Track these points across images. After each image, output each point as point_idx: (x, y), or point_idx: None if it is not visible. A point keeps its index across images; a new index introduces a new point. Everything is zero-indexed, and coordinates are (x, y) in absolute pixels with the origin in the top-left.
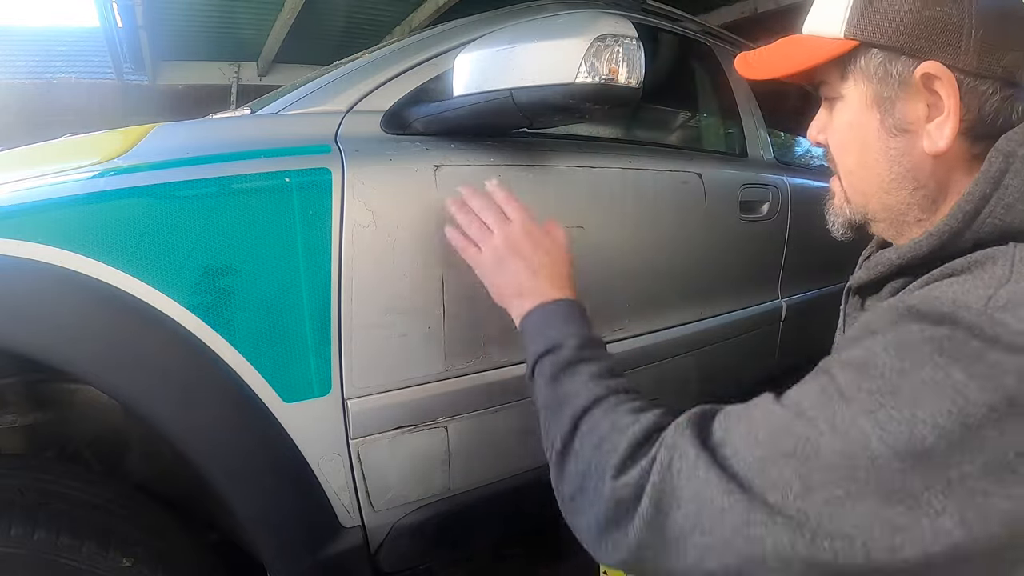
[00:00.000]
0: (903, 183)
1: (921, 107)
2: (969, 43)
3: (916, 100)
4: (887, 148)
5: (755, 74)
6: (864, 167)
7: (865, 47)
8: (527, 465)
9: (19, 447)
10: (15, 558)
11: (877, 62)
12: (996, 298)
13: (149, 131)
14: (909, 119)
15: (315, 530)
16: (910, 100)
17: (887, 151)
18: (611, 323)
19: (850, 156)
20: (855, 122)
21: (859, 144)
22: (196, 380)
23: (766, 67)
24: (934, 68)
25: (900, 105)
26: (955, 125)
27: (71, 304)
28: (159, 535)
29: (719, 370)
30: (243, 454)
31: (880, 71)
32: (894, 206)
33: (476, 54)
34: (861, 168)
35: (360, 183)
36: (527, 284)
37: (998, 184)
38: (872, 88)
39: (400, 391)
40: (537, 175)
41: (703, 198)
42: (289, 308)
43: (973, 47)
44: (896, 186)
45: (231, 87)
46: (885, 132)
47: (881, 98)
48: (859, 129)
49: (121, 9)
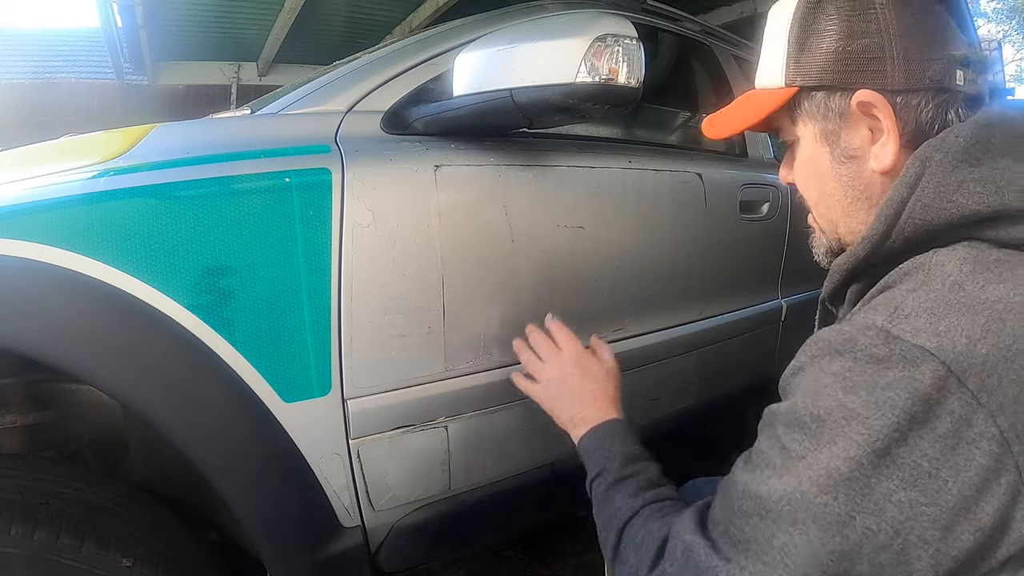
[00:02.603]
0: (859, 204)
1: (864, 132)
2: (894, 65)
3: (858, 127)
4: (839, 176)
5: (719, 133)
6: (825, 196)
7: (805, 90)
8: (527, 465)
9: (19, 447)
10: (15, 558)
11: (817, 102)
12: (902, 307)
13: (149, 131)
14: (854, 146)
15: (315, 530)
16: (852, 129)
17: (840, 178)
18: (611, 323)
19: (813, 189)
20: (810, 158)
21: (816, 177)
22: (196, 380)
23: (727, 124)
24: (866, 96)
25: (844, 135)
26: (896, 142)
27: (71, 304)
28: (159, 535)
29: (719, 370)
30: (243, 454)
31: (822, 109)
32: (857, 228)
33: (476, 54)
34: (823, 198)
35: (360, 183)
36: (578, 414)
37: (914, 187)
38: (818, 125)
39: (400, 391)
40: (537, 175)
41: (703, 198)
42: (289, 308)
43: (898, 68)
44: (854, 208)
45: (231, 87)
46: (836, 162)
47: (827, 132)
48: (814, 163)
49: (121, 9)
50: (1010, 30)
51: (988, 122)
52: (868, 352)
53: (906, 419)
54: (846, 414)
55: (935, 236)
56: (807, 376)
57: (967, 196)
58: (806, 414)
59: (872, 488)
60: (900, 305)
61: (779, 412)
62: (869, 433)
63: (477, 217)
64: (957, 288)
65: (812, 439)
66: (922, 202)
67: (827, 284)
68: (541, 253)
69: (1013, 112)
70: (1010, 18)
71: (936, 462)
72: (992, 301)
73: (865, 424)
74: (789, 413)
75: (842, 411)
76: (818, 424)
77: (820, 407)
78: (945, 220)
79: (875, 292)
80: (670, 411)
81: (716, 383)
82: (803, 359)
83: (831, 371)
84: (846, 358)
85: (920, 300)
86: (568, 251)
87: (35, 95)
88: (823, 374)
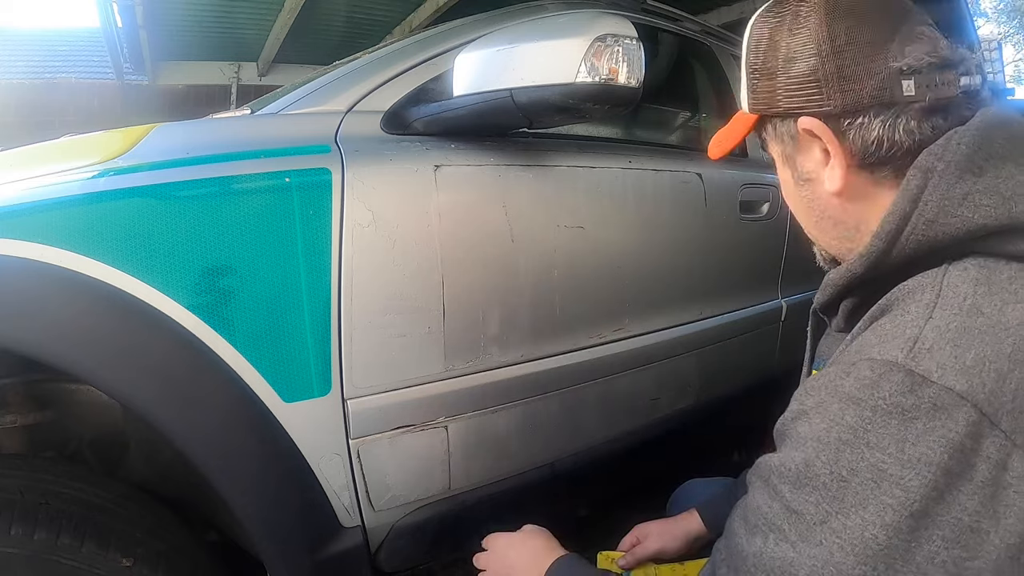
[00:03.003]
0: (824, 223)
1: (816, 155)
2: (829, 89)
3: (810, 150)
4: (801, 197)
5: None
6: (798, 215)
7: (763, 117)
8: (527, 465)
9: (19, 447)
10: (15, 558)
11: (773, 127)
12: (922, 339)
13: (149, 131)
14: (808, 168)
15: (315, 530)
16: (805, 152)
17: (802, 199)
18: (611, 323)
19: (790, 208)
20: (782, 179)
21: (787, 197)
22: (196, 380)
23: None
24: (807, 123)
25: (799, 158)
26: (843, 164)
27: (71, 304)
28: (159, 535)
29: (719, 370)
30: (243, 454)
31: (779, 134)
32: (831, 243)
33: (476, 54)
34: (797, 216)
35: (360, 183)
36: None
37: (916, 201)
38: (780, 149)
39: (400, 391)
40: (537, 175)
41: (703, 198)
42: (289, 308)
43: (834, 90)
44: (821, 227)
45: (231, 87)
46: (796, 184)
47: (786, 156)
48: (785, 185)
49: (121, 9)
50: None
51: (988, 126)
52: (892, 401)
53: (942, 475)
54: (875, 475)
55: (938, 251)
56: (814, 425)
57: (973, 209)
58: (824, 472)
59: (913, 553)
60: (920, 337)
61: (783, 468)
62: (905, 495)
63: (477, 217)
64: (976, 313)
65: (834, 502)
66: (925, 217)
67: (820, 296)
68: (541, 253)
69: (1010, 113)
70: (1011, 18)
71: (977, 515)
72: (1015, 325)
73: (899, 485)
74: (799, 471)
75: (870, 471)
76: (841, 485)
77: (841, 466)
78: (950, 235)
79: (877, 312)
80: (670, 411)
81: (716, 383)
82: (808, 403)
83: (848, 423)
84: (865, 408)
85: (940, 330)
86: (568, 251)
87: (35, 95)
88: (837, 426)
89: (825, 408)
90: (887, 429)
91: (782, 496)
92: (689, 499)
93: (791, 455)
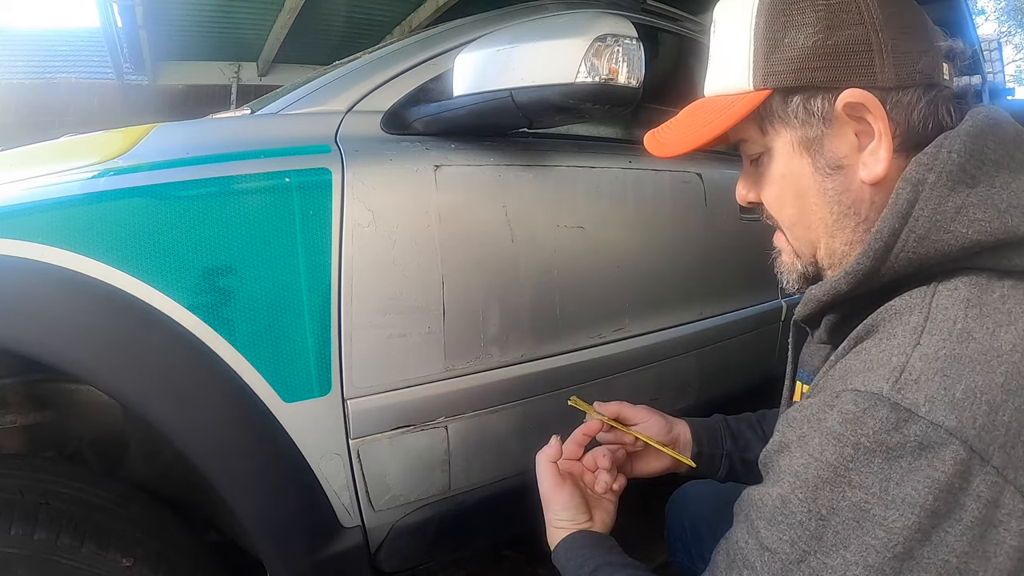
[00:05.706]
0: (846, 221)
1: (851, 138)
2: (882, 59)
3: (844, 133)
4: (824, 190)
5: (670, 151)
6: (805, 215)
7: (779, 93)
8: (527, 465)
9: (19, 447)
10: (15, 558)
11: (795, 105)
12: (909, 369)
13: (149, 131)
14: (841, 154)
15: (315, 530)
16: (838, 134)
17: (825, 193)
18: (611, 323)
19: (789, 208)
20: (786, 172)
21: (795, 194)
22: (196, 380)
23: (680, 141)
24: (855, 95)
25: (829, 142)
26: (889, 146)
27: (71, 304)
28: (159, 535)
29: (719, 370)
30: (243, 454)
31: (801, 113)
32: (839, 248)
33: (476, 54)
34: (804, 216)
35: (360, 183)
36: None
37: (907, 217)
38: (797, 133)
39: (400, 391)
40: (537, 175)
41: (703, 198)
42: (289, 308)
43: (887, 61)
44: (840, 226)
45: (231, 87)
46: (819, 174)
47: (808, 140)
48: (792, 178)
49: (121, 9)
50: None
51: (978, 131)
52: (876, 439)
53: (927, 516)
54: (857, 515)
55: (928, 267)
56: (794, 460)
57: (967, 224)
58: (801, 510)
59: None
60: (907, 366)
61: (761, 503)
62: (888, 537)
63: (477, 217)
64: (966, 338)
65: (812, 540)
66: (916, 234)
67: (801, 309)
68: (541, 253)
69: (999, 116)
70: (1011, 18)
71: (965, 556)
72: (1008, 351)
73: (882, 526)
74: (775, 507)
75: (852, 510)
76: (820, 523)
77: (820, 504)
78: (943, 252)
79: (862, 332)
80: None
81: (716, 383)
82: (790, 436)
83: (828, 460)
84: (847, 445)
85: (928, 359)
86: (568, 251)
87: (35, 95)
88: (817, 462)
89: (806, 443)
90: (870, 468)
91: (757, 532)
92: (688, 501)
93: (769, 491)
